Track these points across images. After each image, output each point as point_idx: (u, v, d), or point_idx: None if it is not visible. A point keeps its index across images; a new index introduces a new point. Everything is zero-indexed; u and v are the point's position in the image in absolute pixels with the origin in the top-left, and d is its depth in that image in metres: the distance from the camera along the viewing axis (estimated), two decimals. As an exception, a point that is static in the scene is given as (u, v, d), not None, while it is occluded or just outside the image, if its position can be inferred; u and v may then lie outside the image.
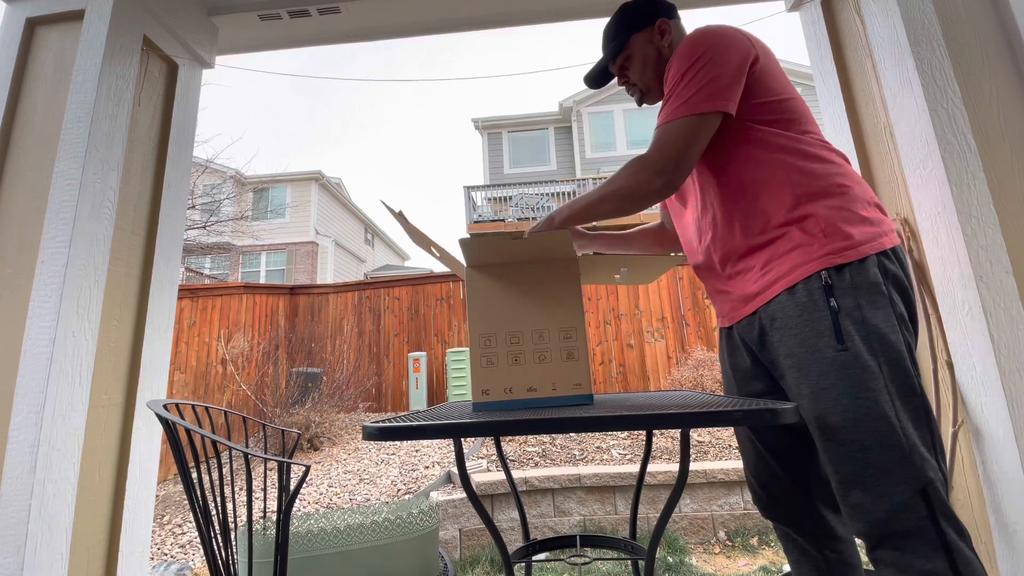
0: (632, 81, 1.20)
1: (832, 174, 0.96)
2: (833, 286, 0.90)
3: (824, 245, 0.92)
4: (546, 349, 1.03)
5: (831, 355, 0.87)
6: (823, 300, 0.89)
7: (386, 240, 20.94)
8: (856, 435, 0.84)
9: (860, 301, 0.88)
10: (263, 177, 14.75)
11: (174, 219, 1.63)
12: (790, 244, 0.95)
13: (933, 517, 0.80)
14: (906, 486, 0.81)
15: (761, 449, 1.10)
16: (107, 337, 1.37)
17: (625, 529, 3.22)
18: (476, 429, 0.82)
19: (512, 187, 11.38)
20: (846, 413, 0.85)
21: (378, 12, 1.86)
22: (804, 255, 0.93)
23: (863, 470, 0.83)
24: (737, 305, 1.05)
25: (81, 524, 1.25)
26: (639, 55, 1.16)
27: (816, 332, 0.89)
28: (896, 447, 0.82)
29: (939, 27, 1.29)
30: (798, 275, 0.93)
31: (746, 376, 1.10)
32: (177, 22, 1.65)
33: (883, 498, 0.82)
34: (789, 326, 0.93)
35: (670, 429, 0.81)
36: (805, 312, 0.91)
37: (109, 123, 1.39)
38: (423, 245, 1.12)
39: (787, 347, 0.94)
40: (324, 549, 1.22)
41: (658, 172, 0.96)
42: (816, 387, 0.89)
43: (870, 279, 0.89)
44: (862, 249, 0.91)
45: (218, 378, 5.49)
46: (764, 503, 1.12)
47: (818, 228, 0.93)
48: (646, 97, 1.21)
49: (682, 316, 6.38)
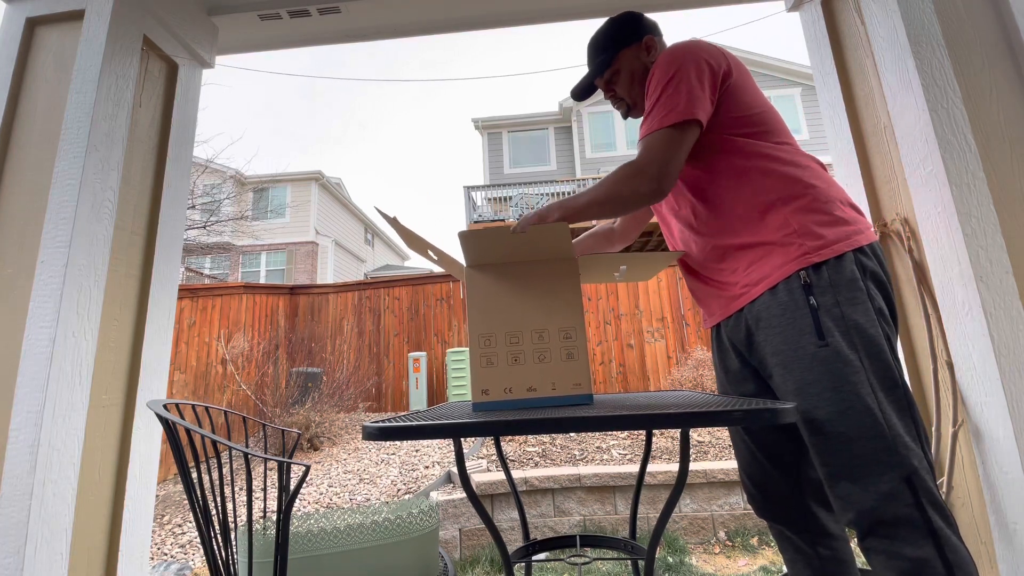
0: (619, 95, 1.23)
1: (806, 179, 1.01)
2: (812, 284, 0.93)
3: (801, 246, 0.96)
4: (546, 349, 1.03)
5: (813, 351, 0.91)
6: (803, 298, 0.93)
7: (386, 240, 20.95)
8: (841, 428, 0.87)
9: (839, 298, 0.92)
10: (263, 177, 14.74)
11: (174, 219, 1.63)
12: (769, 246, 0.99)
13: (919, 504, 0.82)
14: (891, 475, 0.83)
15: (754, 449, 1.13)
16: (107, 337, 1.37)
17: (625, 529, 3.22)
18: (476, 429, 0.82)
19: (512, 187, 11.38)
20: (830, 407, 0.88)
21: (378, 12, 1.87)
22: (783, 256, 0.97)
23: (849, 461, 0.86)
24: (722, 303, 1.09)
25: (81, 524, 1.25)
26: (627, 70, 1.20)
27: (798, 330, 0.93)
28: (880, 437, 0.85)
29: (939, 27, 1.29)
30: (779, 275, 0.97)
31: (737, 378, 1.12)
32: (177, 22, 1.65)
33: (870, 488, 0.84)
34: (773, 325, 0.97)
35: (670, 429, 0.81)
36: (787, 311, 0.95)
37: (109, 123, 1.39)
38: (420, 249, 1.12)
39: (772, 346, 0.97)
40: (324, 549, 1.22)
41: (650, 179, 0.99)
42: (801, 383, 0.92)
43: (847, 276, 0.93)
44: (837, 247, 0.95)
45: (218, 378, 5.49)
46: (758, 502, 1.15)
47: (794, 230, 0.97)
48: (632, 111, 1.24)
49: (682, 316, 6.38)
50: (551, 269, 1.07)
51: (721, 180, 1.06)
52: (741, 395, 1.12)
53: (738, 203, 1.03)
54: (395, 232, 1.09)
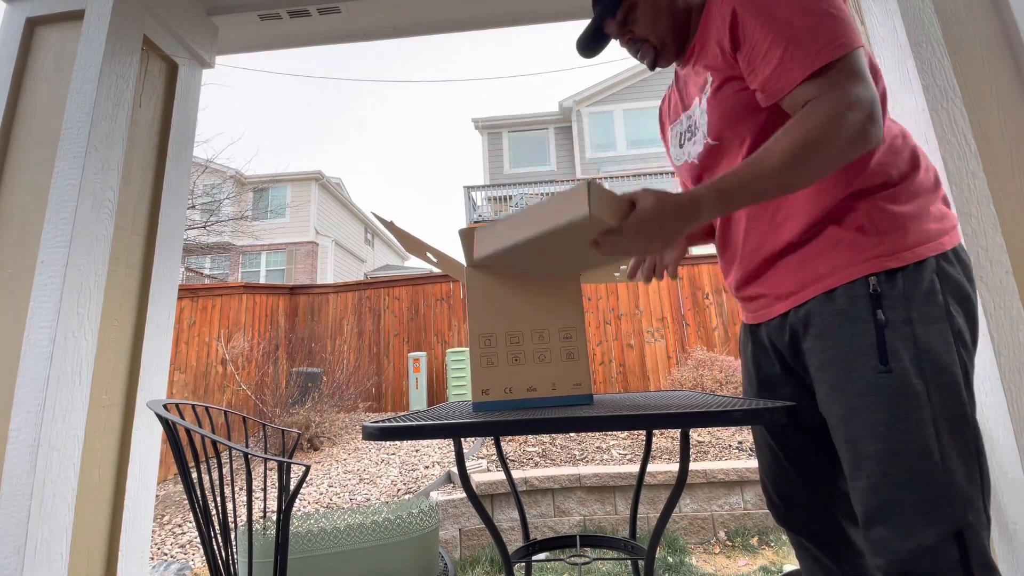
0: (640, 36, 0.95)
1: (895, 161, 0.81)
2: (882, 295, 0.76)
3: (877, 244, 0.77)
4: (546, 349, 1.03)
5: (871, 377, 0.75)
6: (868, 311, 0.76)
7: (386, 240, 20.94)
8: (889, 468, 0.73)
9: (912, 314, 0.75)
10: (263, 177, 14.75)
11: (174, 219, 1.63)
12: (834, 239, 0.80)
13: (966, 565, 0.70)
14: (938, 528, 0.70)
15: (780, 457, 0.99)
16: (107, 337, 1.37)
17: (625, 529, 3.22)
18: (476, 429, 0.82)
19: (512, 187, 11.38)
20: (880, 443, 0.73)
21: (378, 12, 1.87)
22: (850, 254, 0.79)
23: (891, 506, 0.73)
24: (767, 303, 0.91)
25: (81, 524, 1.25)
26: (646, 2, 0.93)
27: (856, 348, 0.76)
28: (933, 485, 0.71)
29: (939, 27, 1.29)
30: (840, 277, 0.79)
31: (771, 381, 0.97)
32: (177, 22, 1.65)
33: (909, 537, 0.71)
34: (824, 336, 0.80)
35: (670, 429, 0.81)
36: (845, 323, 0.78)
37: (109, 123, 1.39)
38: (418, 251, 1.12)
39: (820, 359, 0.81)
40: (324, 549, 1.22)
41: (871, 114, 0.71)
42: (849, 409, 0.77)
43: (924, 287, 0.76)
44: (920, 250, 0.77)
45: (218, 378, 5.49)
46: (781, 512, 1.02)
47: (871, 222, 0.78)
48: (661, 57, 0.97)
49: (682, 316, 6.38)
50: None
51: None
52: (770, 398, 0.98)
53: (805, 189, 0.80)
54: (393, 236, 1.09)
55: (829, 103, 0.72)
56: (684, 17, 0.94)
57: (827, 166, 0.73)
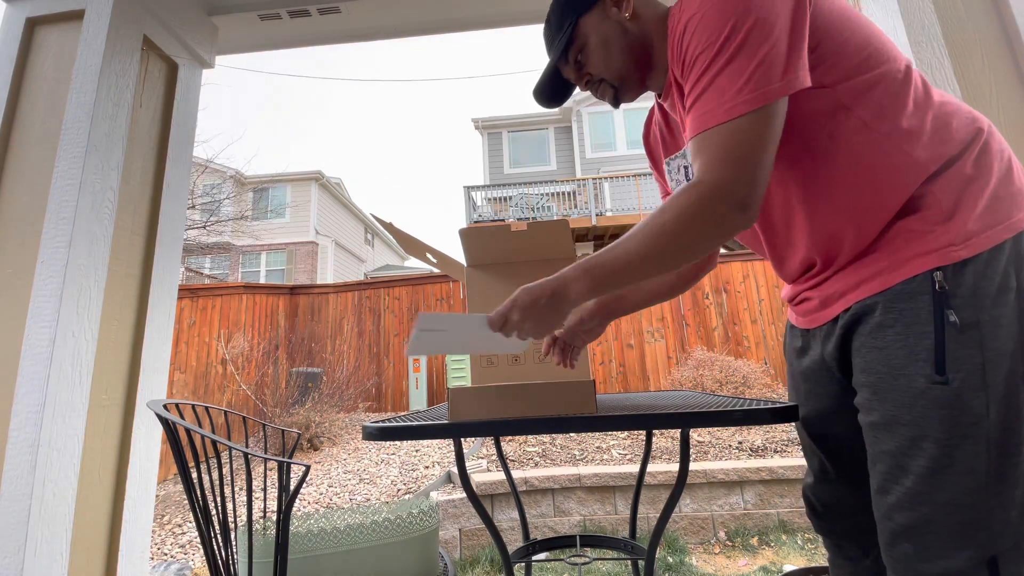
0: (596, 76, 0.90)
1: (962, 137, 0.71)
2: (948, 293, 0.65)
3: (944, 233, 0.66)
4: (546, 349, 1.03)
5: (923, 387, 0.66)
6: (929, 312, 0.66)
7: (386, 240, 20.95)
8: (927, 487, 0.65)
9: (981, 316, 0.64)
10: (263, 177, 14.75)
11: (174, 219, 1.63)
12: (896, 232, 0.70)
13: None
14: (971, 552, 0.63)
15: (828, 468, 0.90)
16: (107, 337, 1.37)
17: (625, 529, 3.22)
18: (476, 429, 0.82)
19: (512, 187, 11.39)
20: (923, 460, 0.65)
21: (378, 12, 1.87)
22: (915, 244, 0.68)
23: (924, 526, 0.66)
24: (815, 307, 0.82)
25: (81, 524, 1.25)
26: (595, 40, 0.87)
27: (908, 352, 0.67)
28: (971, 508, 0.64)
29: (939, 27, 1.29)
30: (901, 273, 0.69)
31: (813, 377, 0.88)
32: (177, 22, 1.65)
33: (937, 558, 0.65)
34: (873, 334, 0.71)
35: (670, 429, 0.80)
36: (900, 322, 0.68)
37: (109, 123, 1.39)
38: (417, 252, 1.12)
39: (865, 359, 0.72)
40: (324, 549, 1.22)
41: (738, 202, 0.66)
42: (890, 419, 0.68)
43: (998, 281, 0.65)
44: (992, 235, 0.66)
45: (218, 378, 5.49)
46: (822, 520, 0.94)
47: (938, 208, 0.67)
48: (621, 92, 0.91)
49: (682, 316, 6.38)
50: (551, 269, 1.07)
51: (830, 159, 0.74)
52: (808, 397, 0.90)
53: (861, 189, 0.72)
54: (393, 238, 1.10)
55: (689, 191, 0.69)
56: (642, 46, 0.87)
57: (681, 258, 0.73)
